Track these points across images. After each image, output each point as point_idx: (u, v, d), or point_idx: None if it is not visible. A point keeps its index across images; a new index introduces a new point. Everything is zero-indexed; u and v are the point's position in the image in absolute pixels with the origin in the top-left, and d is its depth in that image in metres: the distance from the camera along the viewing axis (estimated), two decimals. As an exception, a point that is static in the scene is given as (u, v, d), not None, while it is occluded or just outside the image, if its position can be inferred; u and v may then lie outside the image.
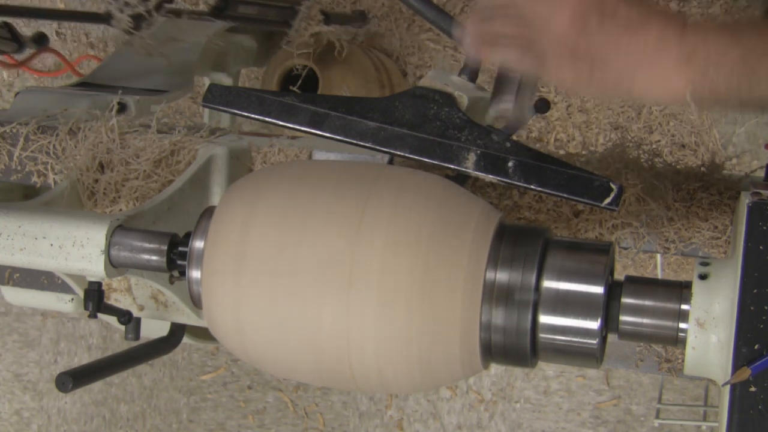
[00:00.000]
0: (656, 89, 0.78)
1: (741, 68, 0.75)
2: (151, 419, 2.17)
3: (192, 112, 2.04)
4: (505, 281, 0.75)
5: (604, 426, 1.90)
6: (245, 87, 0.96)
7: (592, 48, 0.77)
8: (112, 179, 0.96)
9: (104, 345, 2.19)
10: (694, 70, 0.76)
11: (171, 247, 0.79)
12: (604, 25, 0.77)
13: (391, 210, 0.75)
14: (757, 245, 0.74)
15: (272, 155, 1.00)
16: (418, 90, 0.89)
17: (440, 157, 0.86)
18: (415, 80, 1.91)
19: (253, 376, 2.10)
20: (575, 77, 0.79)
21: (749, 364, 0.72)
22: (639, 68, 0.77)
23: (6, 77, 2.18)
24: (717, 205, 0.94)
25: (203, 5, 2.00)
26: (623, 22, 0.77)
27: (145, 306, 1.00)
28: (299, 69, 1.64)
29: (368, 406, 2.04)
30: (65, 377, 0.87)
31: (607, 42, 0.77)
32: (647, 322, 0.77)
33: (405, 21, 1.91)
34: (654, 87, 0.78)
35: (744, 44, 0.75)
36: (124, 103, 1.10)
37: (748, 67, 0.75)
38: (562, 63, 0.78)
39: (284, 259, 0.75)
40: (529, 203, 0.97)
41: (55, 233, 0.78)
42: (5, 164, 1.03)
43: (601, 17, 0.77)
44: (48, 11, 1.98)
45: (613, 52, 0.77)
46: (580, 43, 0.77)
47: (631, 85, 0.78)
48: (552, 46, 0.78)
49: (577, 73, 0.78)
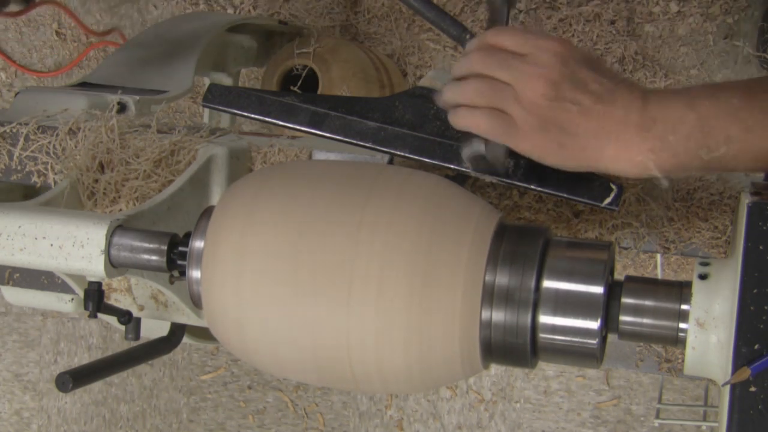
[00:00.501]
0: (622, 160, 0.78)
1: (698, 133, 0.76)
2: (151, 419, 2.17)
3: (192, 112, 2.04)
4: (505, 281, 0.75)
5: (604, 426, 1.90)
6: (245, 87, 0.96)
7: (563, 118, 0.78)
8: (112, 179, 0.96)
9: (104, 345, 2.19)
10: (654, 138, 0.77)
11: (171, 247, 0.79)
12: (576, 96, 0.78)
13: (390, 210, 0.75)
14: (757, 245, 0.74)
15: (272, 155, 1.00)
16: (418, 90, 0.89)
17: (440, 157, 0.86)
18: (415, 80, 1.91)
19: (253, 376, 2.10)
20: (543, 148, 0.79)
21: (749, 364, 0.72)
22: (606, 140, 0.78)
23: (5, 78, 2.19)
24: (717, 205, 0.94)
25: (203, 5, 2.00)
26: (594, 94, 0.78)
27: (145, 306, 1.00)
28: (299, 69, 1.64)
29: (368, 406, 2.04)
30: (65, 377, 0.87)
31: (578, 113, 0.78)
32: (647, 322, 0.78)
33: (405, 21, 1.91)
34: (620, 158, 0.78)
35: (698, 108, 0.76)
36: (124, 103, 1.10)
37: (704, 130, 0.76)
38: (532, 132, 0.78)
39: (284, 259, 0.75)
40: (529, 203, 0.97)
41: (55, 233, 0.78)
42: (5, 164, 1.03)
43: (574, 88, 0.78)
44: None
45: (582, 124, 0.78)
46: (551, 113, 0.78)
47: (600, 157, 0.79)
48: (523, 115, 0.78)
49: (545, 144, 0.79)
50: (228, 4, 1.99)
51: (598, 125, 0.78)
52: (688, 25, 1.80)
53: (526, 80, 0.78)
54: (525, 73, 0.78)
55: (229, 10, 1.98)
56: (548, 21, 1.82)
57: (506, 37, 0.80)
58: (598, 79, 0.78)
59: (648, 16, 1.80)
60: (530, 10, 1.84)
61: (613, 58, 1.79)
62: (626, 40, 1.80)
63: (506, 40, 0.80)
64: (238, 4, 1.98)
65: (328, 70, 1.64)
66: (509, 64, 0.78)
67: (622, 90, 0.78)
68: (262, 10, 1.95)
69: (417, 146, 0.86)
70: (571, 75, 0.78)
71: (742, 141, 0.76)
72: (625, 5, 1.81)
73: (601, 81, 0.78)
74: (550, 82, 0.77)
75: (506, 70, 0.79)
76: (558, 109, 0.78)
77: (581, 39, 1.80)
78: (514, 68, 0.78)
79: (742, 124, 0.76)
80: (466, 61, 0.81)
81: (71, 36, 2.12)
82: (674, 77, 1.79)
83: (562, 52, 0.78)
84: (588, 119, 0.78)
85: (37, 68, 2.15)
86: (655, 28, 1.81)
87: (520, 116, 0.78)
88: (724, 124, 0.76)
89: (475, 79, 0.80)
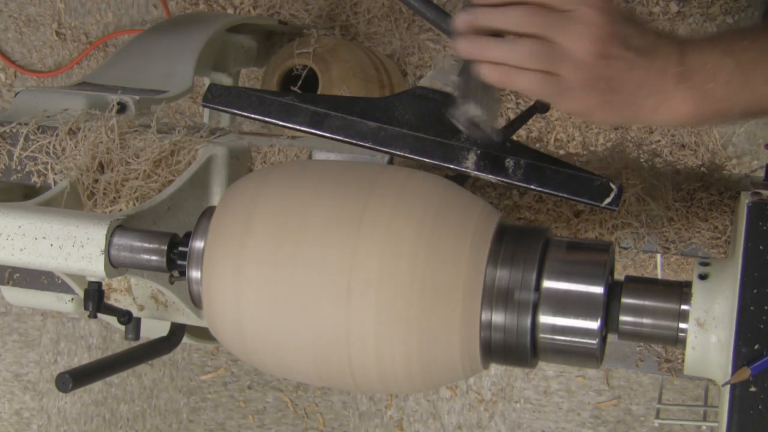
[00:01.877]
0: (662, 112, 0.79)
1: (737, 77, 0.76)
2: (151, 419, 2.17)
3: (192, 112, 2.04)
4: (505, 281, 0.75)
5: (604, 426, 1.90)
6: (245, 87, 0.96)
7: (611, 75, 0.77)
8: (112, 179, 0.96)
9: (104, 345, 2.19)
10: (695, 87, 0.77)
11: (171, 247, 0.79)
12: (622, 52, 0.77)
13: (390, 210, 0.75)
14: (757, 245, 0.74)
15: (272, 155, 0.99)
16: (418, 90, 0.89)
17: (440, 157, 0.86)
18: (415, 80, 1.90)
19: (253, 376, 2.10)
20: (590, 105, 0.79)
21: (749, 364, 0.72)
22: (648, 92, 0.78)
23: (5, 78, 2.19)
24: (717, 205, 0.94)
25: (203, 5, 2.00)
26: (637, 49, 0.78)
27: (145, 306, 1.00)
28: (299, 69, 1.64)
29: (368, 406, 2.04)
30: (65, 377, 0.87)
31: (624, 69, 0.77)
32: (647, 322, 0.78)
33: (405, 21, 1.91)
34: (660, 110, 0.79)
35: (736, 52, 0.77)
36: (124, 103, 1.10)
37: (743, 74, 0.76)
38: (580, 90, 0.78)
39: (284, 259, 0.75)
40: (529, 203, 0.97)
41: (55, 233, 0.78)
42: (5, 164, 1.03)
43: (620, 44, 0.77)
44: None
45: (627, 79, 0.78)
46: (600, 71, 0.77)
47: (639, 111, 0.79)
48: (572, 74, 0.77)
49: (592, 101, 0.78)
50: (228, 4, 1.99)
51: (640, 79, 0.77)
52: (688, 26, 1.80)
53: (575, 39, 0.76)
54: (573, 32, 0.76)
55: (229, 10, 1.98)
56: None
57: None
58: (640, 34, 0.78)
59: (648, 16, 1.81)
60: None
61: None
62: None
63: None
64: (238, 4, 1.98)
65: (328, 70, 1.64)
66: (557, 24, 0.77)
67: (662, 42, 0.78)
68: (262, 10, 1.95)
69: (417, 146, 0.86)
70: (617, 31, 0.77)
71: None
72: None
73: (643, 35, 0.78)
74: (599, 39, 0.76)
75: (555, 30, 0.77)
76: (605, 66, 0.77)
77: (581, 39, 1.80)
78: (561, 27, 0.77)
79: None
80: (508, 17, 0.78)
81: (71, 36, 2.12)
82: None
83: (605, 8, 0.77)
84: (631, 74, 0.77)
85: (37, 68, 2.15)
86: (655, 28, 1.81)
87: (570, 75, 0.77)
88: (761, 66, 0.76)
89: (528, 41, 0.78)
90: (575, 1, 0.77)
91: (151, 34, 1.46)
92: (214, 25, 1.47)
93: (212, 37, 1.43)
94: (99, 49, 2.10)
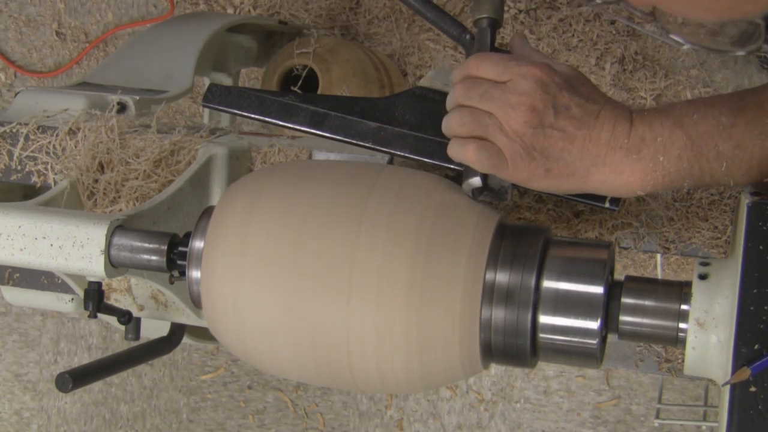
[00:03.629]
0: (612, 183, 0.79)
1: (687, 151, 0.77)
2: (151, 419, 2.17)
3: (192, 112, 2.04)
4: (505, 281, 0.75)
5: (604, 426, 1.90)
6: (245, 87, 0.96)
7: (548, 145, 0.78)
8: (112, 179, 0.96)
9: (104, 345, 2.19)
10: (644, 160, 0.77)
11: (171, 247, 0.79)
12: (559, 122, 0.78)
13: (390, 210, 0.75)
14: (757, 245, 0.74)
15: (272, 155, 0.99)
16: (418, 90, 0.89)
17: (440, 157, 0.86)
18: (415, 80, 1.90)
19: (253, 376, 2.10)
20: (531, 174, 0.79)
21: (749, 364, 0.72)
22: (593, 165, 0.78)
23: (5, 79, 2.19)
24: (717, 205, 0.94)
25: (203, 5, 2.00)
26: (577, 119, 0.78)
27: (145, 306, 1.00)
28: (299, 69, 1.64)
29: (368, 406, 2.04)
30: (65, 377, 0.87)
31: (562, 139, 0.78)
32: (647, 322, 0.78)
33: (405, 21, 1.91)
34: (609, 181, 0.79)
35: (686, 126, 0.77)
36: (124, 103, 1.10)
37: (693, 149, 0.76)
38: (519, 160, 0.78)
39: (284, 259, 0.75)
40: (529, 203, 0.97)
41: (55, 233, 0.78)
42: (5, 164, 1.03)
43: (556, 114, 0.77)
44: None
45: (567, 150, 0.78)
46: (535, 140, 0.78)
47: (586, 180, 0.79)
48: (508, 144, 0.78)
49: (532, 171, 0.79)
50: (228, 4, 1.99)
51: (584, 149, 0.78)
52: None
53: (507, 109, 0.78)
54: (506, 103, 0.78)
55: (229, 10, 1.98)
56: (548, 21, 1.82)
57: (487, 66, 0.80)
58: (580, 103, 0.78)
59: (648, 16, 1.80)
60: (530, 10, 1.84)
61: (613, 58, 1.79)
62: (626, 40, 1.80)
63: (487, 69, 0.80)
64: (238, 4, 1.98)
65: (328, 70, 1.64)
66: (490, 95, 0.78)
67: (606, 112, 0.78)
68: (262, 10, 1.95)
69: (417, 146, 0.86)
70: (553, 101, 0.77)
71: (732, 157, 0.76)
72: (625, 5, 1.80)
73: (584, 104, 0.78)
74: (532, 109, 0.77)
75: (488, 101, 0.78)
76: (541, 136, 0.77)
77: (581, 39, 1.80)
78: (495, 98, 0.78)
79: (732, 140, 0.76)
80: (451, 93, 0.82)
81: (71, 36, 2.12)
82: (674, 77, 1.79)
83: (542, 78, 0.78)
84: (572, 144, 0.78)
85: (37, 68, 2.15)
86: (655, 28, 1.81)
87: (506, 145, 0.78)
88: (713, 141, 0.76)
89: (459, 110, 0.80)
90: (513, 72, 0.78)
91: (150, 34, 1.46)
92: (214, 25, 1.47)
93: (212, 37, 1.43)
94: (99, 49, 2.10)
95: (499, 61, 0.80)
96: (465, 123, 0.79)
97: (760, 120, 0.76)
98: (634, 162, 0.77)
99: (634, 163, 0.77)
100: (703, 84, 1.77)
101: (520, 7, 1.84)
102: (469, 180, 0.81)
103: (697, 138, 0.77)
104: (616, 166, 0.78)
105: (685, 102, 0.79)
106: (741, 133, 0.76)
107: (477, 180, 0.81)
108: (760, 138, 0.76)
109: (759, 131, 0.76)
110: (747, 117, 0.77)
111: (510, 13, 1.82)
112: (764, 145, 0.76)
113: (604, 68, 1.78)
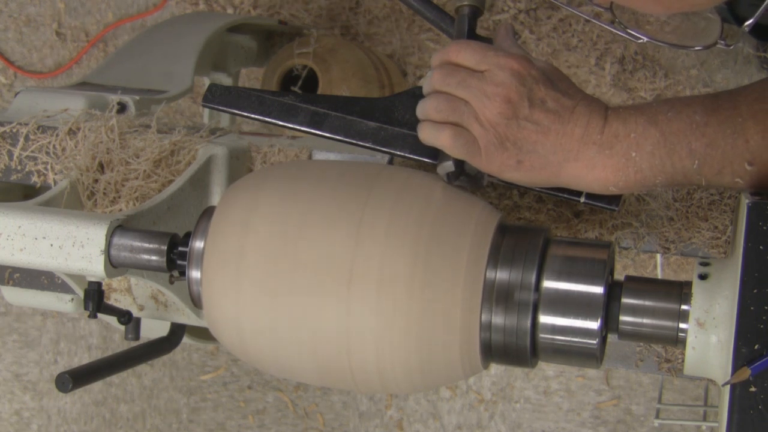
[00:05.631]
0: (585, 177, 0.79)
1: (660, 148, 0.77)
2: (151, 419, 2.17)
3: (192, 112, 2.04)
4: (505, 281, 0.75)
5: (604, 426, 1.90)
6: (245, 87, 0.96)
7: (521, 136, 0.78)
8: (112, 179, 0.96)
9: (104, 345, 2.19)
10: (617, 156, 0.78)
11: (171, 247, 0.79)
12: (534, 115, 0.78)
13: (390, 210, 0.75)
14: (757, 245, 0.74)
15: (272, 155, 1.00)
16: (418, 90, 0.89)
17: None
18: (415, 80, 1.90)
19: (253, 376, 2.10)
20: (502, 164, 0.80)
21: (749, 364, 0.72)
22: (565, 158, 0.78)
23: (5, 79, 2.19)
24: (717, 205, 0.94)
25: (203, 5, 2.00)
26: (552, 112, 0.78)
27: (145, 306, 1.00)
28: (299, 69, 1.64)
29: (368, 406, 2.04)
30: (65, 377, 0.87)
31: (535, 132, 0.78)
32: (647, 322, 0.78)
33: (405, 21, 1.91)
34: (581, 176, 0.79)
35: (660, 123, 0.77)
36: (124, 103, 1.10)
37: (666, 146, 0.77)
38: (492, 149, 0.79)
39: (284, 259, 0.75)
40: (529, 203, 0.97)
41: (55, 233, 0.78)
42: (5, 164, 1.03)
43: (531, 106, 0.78)
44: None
45: (540, 143, 0.78)
46: (509, 131, 0.78)
47: (558, 173, 0.80)
48: (482, 133, 0.79)
49: (504, 161, 0.79)
50: (228, 4, 1.99)
51: (557, 143, 0.78)
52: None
53: (483, 99, 0.78)
54: (482, 92, 0.78)
55: (229, 10, 1.98)
56: (548, 21, 1.82)
57: (466, 54, 0.80)
58: (556, 97, 0.79)
59: (648, 16, 1.80)
60: (530, 10, 1.84)
61: (613, 58, 1.79)
62: (626, 40, 1.80)
63: (465, 57, 0.80)
64: (238, 4, 1.98)
65: (328, 70, 1.64)
66: (467, 83, 0.79)
67: (581, 108, 0.79)
68: (262, 10, 1.95)
69: (417, 146, 0.87)
70: (529, 93, 0.78)
71: (704, 155, 0.77)
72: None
73: (560, 99, 0.79)
74: (507, 101, 0.78)
75: (464, 89, 0.79)
76: (515, 127, 0.78)
77: (581, 39, 1.80)
78: (471, 87, 0.79)
79: (705, 139, 0.76)
80: (428, 77, 0.82)
81: (71, 36, 2.12)
82: (674, 77, 1.79)
83: (519, 70, 0.78)
84: (546, 137, 0.78)
85: (37, 68, 2.15)
86: (655, 28, 1.81)
87: (480, 134, 0.79)
88: (686, 139, 0.77)
89: (436, 96, 0.81)
90: (492, 62, 0.79)
91: (150, 34, 1.46)
92: (214, 25, 1.47)
93: (212, 37, 1.43)
94: (99, 49, 2.10)
95: (478, 49, 0.80)
96: (441, 109, 0.80)
97: (733, 120, 0.77)
98: (606, 157, 0.78)
99: (606, 159, 0.78)
100: (703, 84, 1.77)
101: (520, 7, 1.84)
102: (444, 164, 0.81)
103: (670, 135, 0.77)
104: (589, 161, 0.78)
105: (662, 101, 0.80)
106: (714, 132, 0.77)
107: (450, 164, 0.81)
108: (733, 137, 0.76)
109: (732, 130, 0.76)
110: (721, 116, 0.77)
111: (510, 13, 1.82)
112: (736, 144, 0.76)
113: (604, 68, 1.78)
